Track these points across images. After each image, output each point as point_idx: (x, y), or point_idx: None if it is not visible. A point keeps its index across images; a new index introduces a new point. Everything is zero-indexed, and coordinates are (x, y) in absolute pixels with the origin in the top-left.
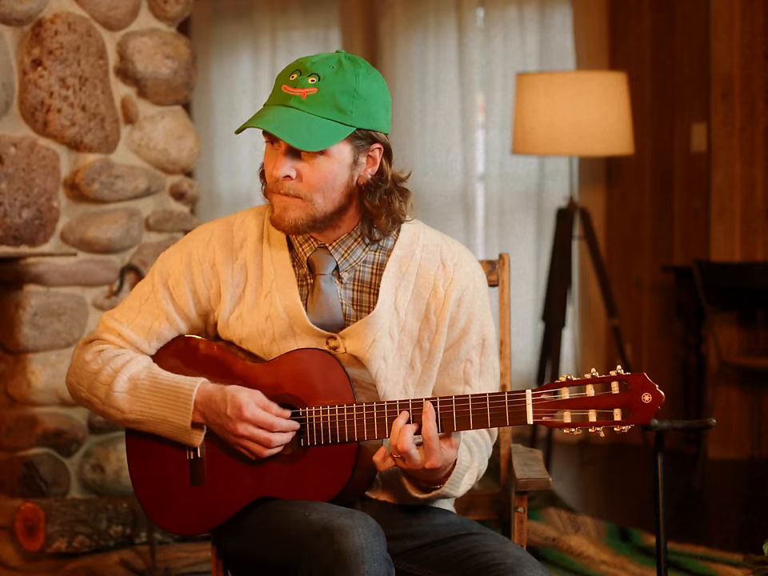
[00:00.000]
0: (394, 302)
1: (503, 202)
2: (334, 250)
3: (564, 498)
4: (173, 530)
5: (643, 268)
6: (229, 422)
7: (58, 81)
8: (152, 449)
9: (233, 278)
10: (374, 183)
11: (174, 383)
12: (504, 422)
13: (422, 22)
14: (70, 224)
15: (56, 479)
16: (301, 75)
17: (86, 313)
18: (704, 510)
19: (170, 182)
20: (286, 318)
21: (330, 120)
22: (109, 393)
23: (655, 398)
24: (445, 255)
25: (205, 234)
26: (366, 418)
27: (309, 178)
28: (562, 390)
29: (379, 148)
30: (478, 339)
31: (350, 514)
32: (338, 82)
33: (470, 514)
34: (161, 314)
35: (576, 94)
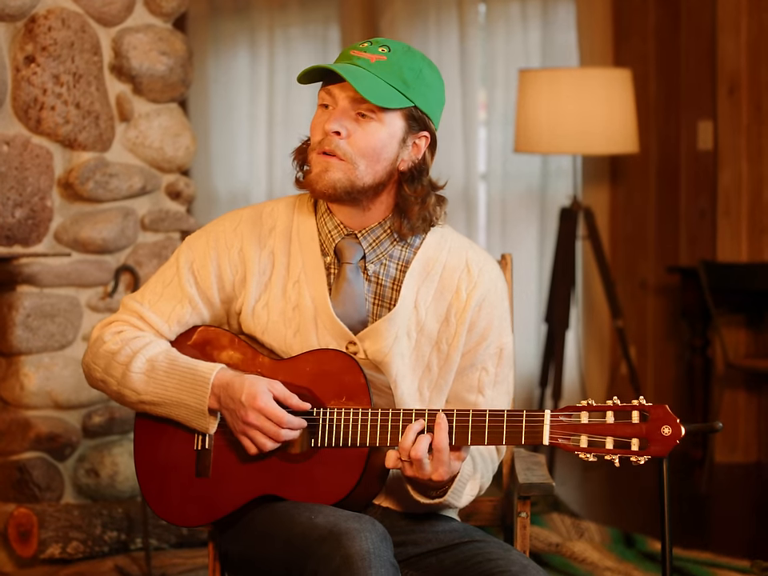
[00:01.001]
0: (415, 301)
1: (505, 202)
2: (363, 239)
3: (567, 502)
4: (171, 519)
5: (648, 269)
6: (241, 407)
7: (52, 78)
8: (160, 435)
9: (260, 265)
10: (416, 171)
11: (192, 366)
12: (519, 440)
13: (423, 18)
14: (64, 224)
15: (49, 484)
16: (371, 45)
17: (80, 314)
18: (710, 515)
19: (166, 180)
20: (312, 308)
21: (394, 87)
22: (126, 373)
23: (675, 432)
24: (470, 259)
25: (233, 219)
26: (381, 424)
27: (358, 140)
28: (581, 414)
29: (427, 137)
30: (496, 348)
31: (358, 518)
32: (406, 59)
33: (472, 519)
34: (184, 298)
35: (580, 91)
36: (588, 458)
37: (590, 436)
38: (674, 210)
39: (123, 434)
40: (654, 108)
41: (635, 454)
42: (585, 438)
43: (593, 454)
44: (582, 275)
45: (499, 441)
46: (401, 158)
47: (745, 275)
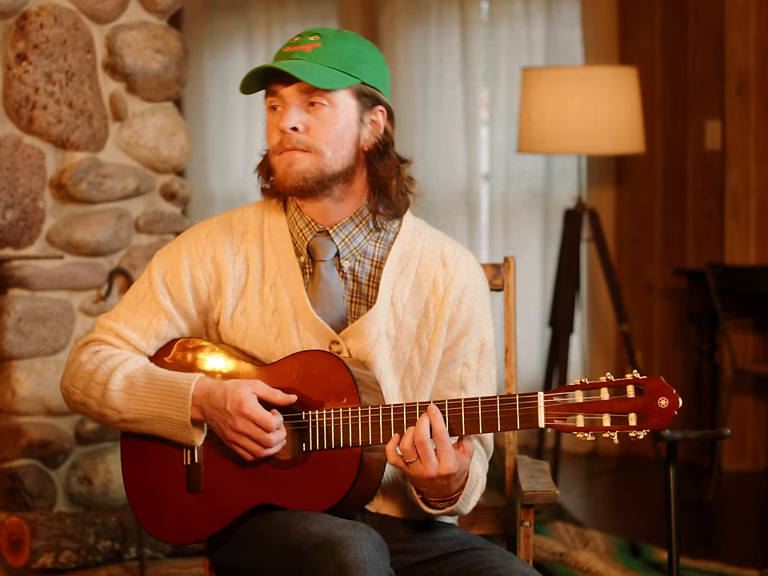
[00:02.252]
0: (392, 297)
1: (508, 203)
2: (335, 235)
3: (572, 511)
4: (167, 538)
5: (654, 271)
6: (228, 416)
7: (44, 76)
8: (147, 453)
9: (234, 271)
10: (382, 145)
11: (171, 378)
12: (515, 425)
13: (424, 15)
14: (57, 225)
15: (41, 492)
16: (303, 37)
17: (72, 318)
18: (718, 523)
19: (161, 181)
20: (292, 310)
21: (335, 69)
22: (105, 392)
23: (672, 403)
24: (446, 253)
25: (203, 228)
26: (372, 422)
27: (317, 129)
28: (576, 393)
29: (382, 110)
30: (477, 343)
31: (353, 526)
32: (341, 41)
33: (474, 528)
34: (159, 311)
35: (584, 89)
36: (586, 437)
37: (586, 415)
38: (680, 212)
39: (117, 441)
40: (661, 107)
41: (633, 428)
42: (581, 417)
43: (591, 432)
44: (587, 278)
45: (494, 428)
46: (363, 137)
47: (753, 278)
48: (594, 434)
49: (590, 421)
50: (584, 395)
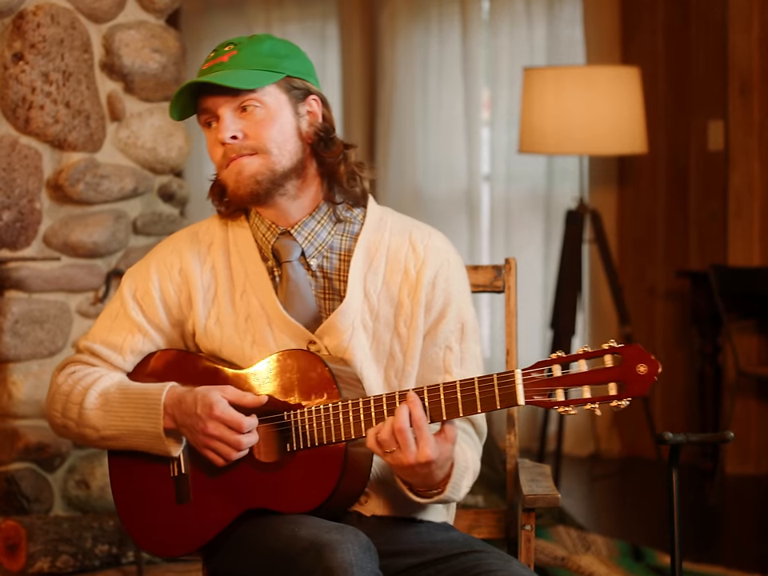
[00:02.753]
0: (364, 289)
1: (510, 204)
2: (297, 234)
3: (574, 515)
4: (160, 552)
5: (657, 273)
6: (199, 420)
7: (41, 76)
8: (135, 468)
9: (202, 282)
10: (324, 132)
11: (143, 390)
12: (494, 405)
13: (424, 14)
14: (54, 227)
15: (38, 496)
16: (217, 52)
17: (69, 320)
18: (721, 528)
19: (159, 182)
20: (264, 315)
21: (257, 69)
22: (81, 412)
23: (651, 369)
24: (415, 237)
25: (170, 242)
26: (353, 416)
27: (254, 131)
28: (554, 367)
29: (315, 99)
30: (457, 324)
31: (340, 529)
32: (255, 45)
33: (474, 531)
34: (133, 327)
35: (586, 89)
36: (569, 411)
37: (566, 388)
38: (683, 213)
39: None
40: (663, 107)
41: (614, 398)
42: (561, 392)
43: (572, 406)
44: (589, 280)
45: (474, 410)
46: (303, 130)
47: (757, 279)
48: (576, 407)
49: (570, 394)
50: (562, 369)
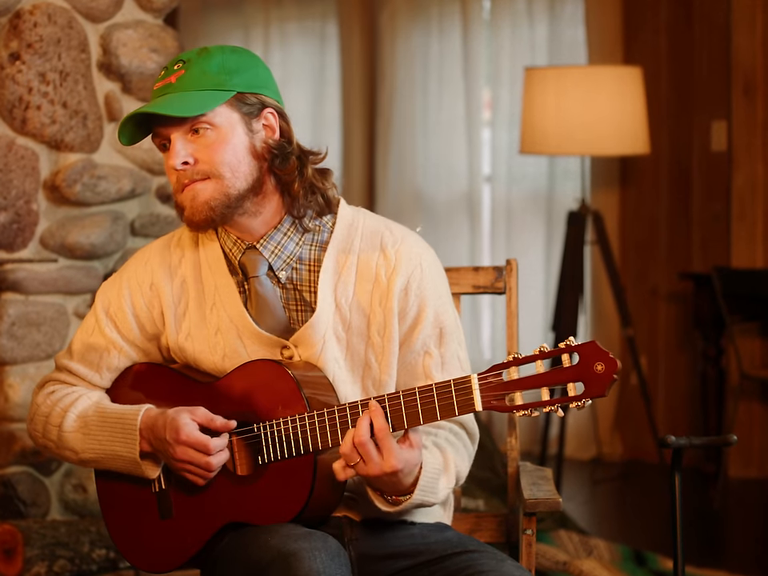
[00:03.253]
0: (335, 299)
1: (511, 205)
2: (263, 248)
3: (575, 519)
4: (148, 567)
5: (660, 275)
6: (168, 446)
7: (38, 76)
8: (120, 485)
9: (173, 296)
10: (279, 148)
11: (120, 414)
12: (453, 412)
13: (425, 14)
14: (50, 228)
15: (35, 499)
16: (167, 70)
17: (66, 323)
18: (724, 532)
19: (157, 183)
20: (234, 329)
21: (206, 90)
22: (60, 435)
23: (609, 367)
24: (385, 241)
25: (143, 255)
26: (319, 426)
27: (206, 155)
28: (510, 370)
29: (272, 113)
30: (434, 329)
31: (308, 536)
32: (203, 62)
33: (475, 535)
34: (108, 344)
35: (588, 89)
36: (528, 413)
37: (525, 391)
38: (686, 214)
39: None
40: (666, 107)
41: (573, 399)
42: (519, 395)
43: (530, 409)
44: (591, 282)
45: (434, 417)
46: (258, 146)
47: (760, 281)
48: (535, 410)
49: (528, 396)
50: (519, 371)
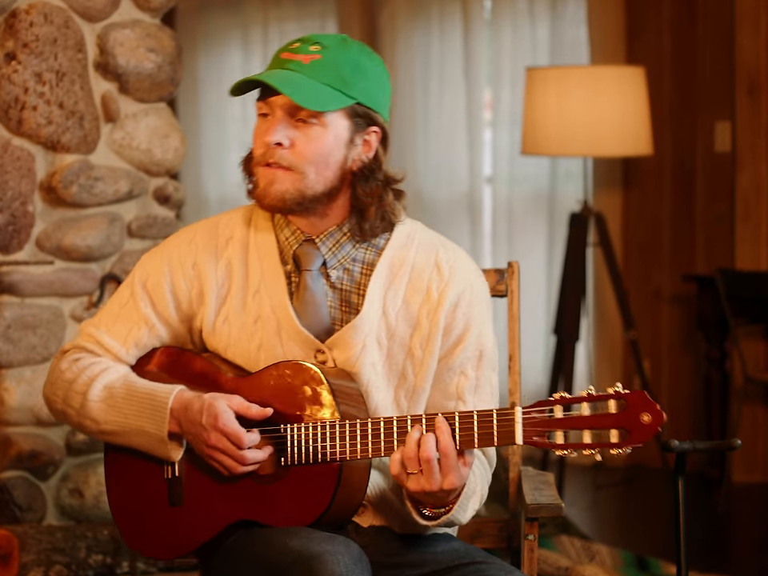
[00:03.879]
0: (383, 306)
1: (512, 206)
2: (321, 243)
3: (577, 524)
4: (149, 553)
5: (663, 277)
6: (203, 431)
7: (34, 76)
8: (130, 467)
9: (216, 278)
10: (369, 169)
11: (150, 390)
12: (491, 441)
13: (425, 13)
14: (47, 230)
15: (31, 504)
16: (303, 44)
17: (63, 325)
18: (728, 537)
19: (154, 184)
20: (275, 320)
21: (332, 88)
22: (84, 402)
23: (655, 419)
24: (440, 258)
25: (188, 233)
26: (350, 436)
27: (303, 148)
28: (555, 408)
29: (376, 131)
30: (475, 351)
31: (331, 539)
32: (342, 53)
33: (476, 541)
34: (140, 320)
35: (590, 89)
36: (566, 454)
37: (567, 431)
38: (689, 216)
39: None
40: (669, 108)
41: (615, 446)
42: (560, 434)
43: (570, 449)
44: (593, 284)
45: (471, 444)
46: (351, 158)
47: (765, 283)
48: (575, 451)
49: (570, 437)
50: (564, 411)
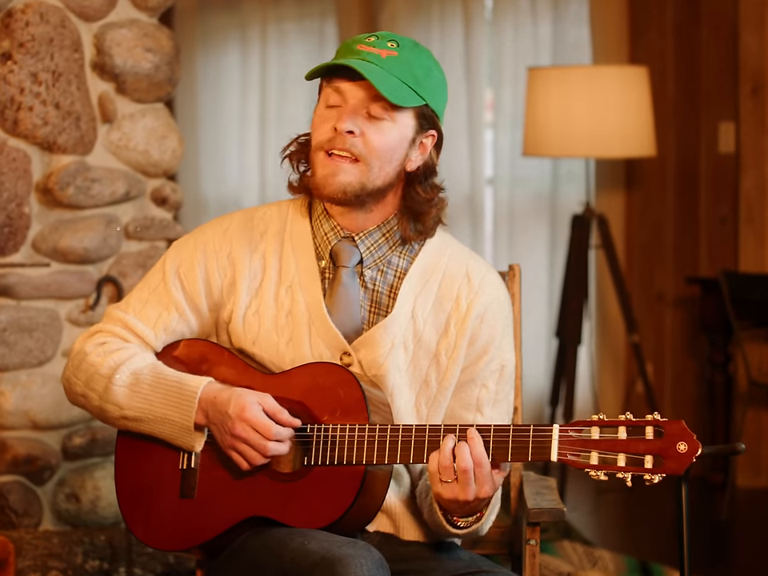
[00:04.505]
0: (413, 310)
1: (513, 208)
2: (360, 242)
3: (580, 529)
4: (152, 543)
5: (666, 280)
6: (228, 420)
7: (30, 76)
8: (143, 454)
9: (250, 269)
10: (427, 171)
11: (179, 379)
12: (526, 456)
13: (425, 12)
14: (43, 232)
15: (27, 509)
16: (378, 39)
17: (59, 328)
18: (732, 543)
19: (152, 186)
20: (306, 315)
21: (407, 85)
22: (108, 386)
23: (691, 448)
24: (471, 269)
25: (223, 222)
26: (379, 441)
27: (372, 139)
28: (592, 429)
29: (433, 135)
30: (497, 365)
31: (353, 543)
32: (416, 55)
33: (477, 547)
34: (170, 304)
35: (593, 90)
36: (599, 476)
37: (601, 452)
38: (693, 217)
39: (105, 456)
40: (673, 108)
41: (649, 471)
42: (595, 455)
43: (603, 471)
44: (596, 287)
45: (504, 458)
46: (409, 157)
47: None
48: (606, 474)
49: (604, 459)
50: (600, 432)
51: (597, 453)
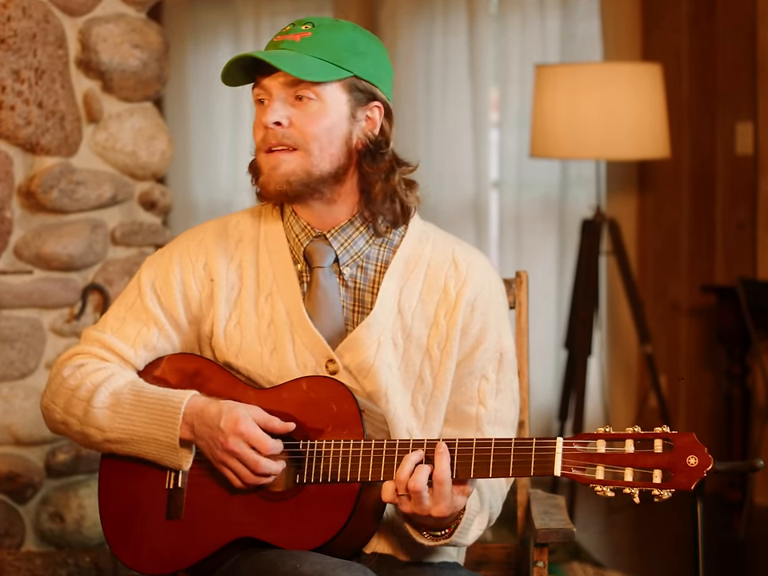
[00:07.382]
0: (398, 304)
1: (520, 213)
2: (333, 239)
3: (590, 550)
4: (138, 567)
5: (680, 288)
6: (220, 434)
7: (12, 74)
8: (129, 474)
9: (227, 279)
10: (374, 145)
11: (161, 396)
12: (528, 471)
13: (428, 8)
14: (25, 237)
15: (9, 529)
16: (294, 26)
17: (42, 339)
18: (750, 563)
19: (140, 189)
20: (288, 322)
21: (325, 61)
22: (88, 410)
23: (702, 462)
24: (457, 255)
25: (197, 233)
26: (374, 456)
27: (303, 124)
28: (598, 442)
29: (378, 107)
30: (495, 353)
31: (347, 566)
32: (334, 31)
33: (482, 568)
34: (149, 320)
35: (604, 88)
36: (605, 491)
37: (608, 467)
38: (709, 222)
39: (90, 474)
40: (687, 108)
41: (657, 486)
42: (601, 469)
43: (610, 487)
44: (607, 295)
45: (506, 473)
46: (355, 135)
47: None
48: (613, 489)
49: (610, 473)
50: (607, 445)
51: (603, 467)
